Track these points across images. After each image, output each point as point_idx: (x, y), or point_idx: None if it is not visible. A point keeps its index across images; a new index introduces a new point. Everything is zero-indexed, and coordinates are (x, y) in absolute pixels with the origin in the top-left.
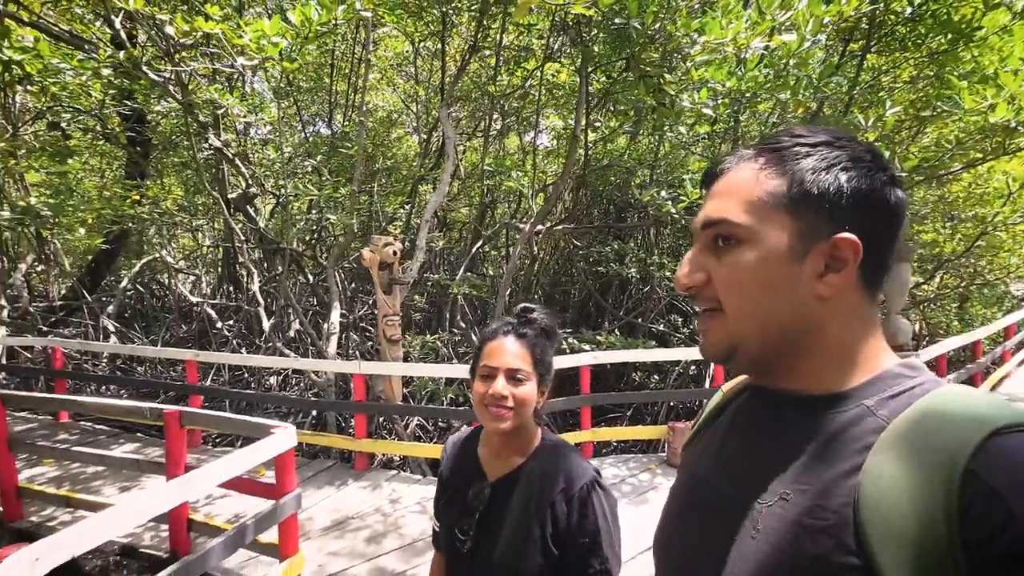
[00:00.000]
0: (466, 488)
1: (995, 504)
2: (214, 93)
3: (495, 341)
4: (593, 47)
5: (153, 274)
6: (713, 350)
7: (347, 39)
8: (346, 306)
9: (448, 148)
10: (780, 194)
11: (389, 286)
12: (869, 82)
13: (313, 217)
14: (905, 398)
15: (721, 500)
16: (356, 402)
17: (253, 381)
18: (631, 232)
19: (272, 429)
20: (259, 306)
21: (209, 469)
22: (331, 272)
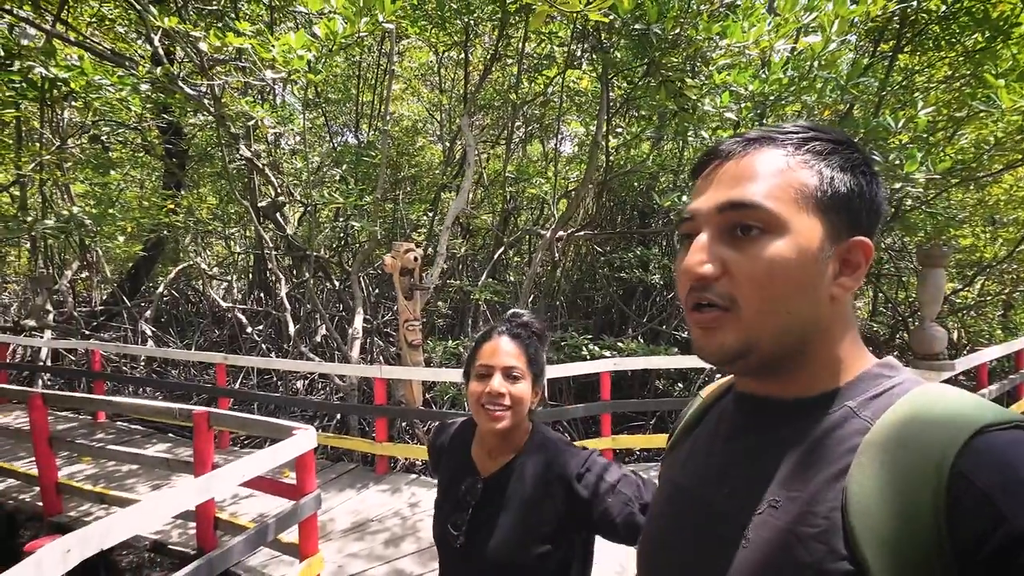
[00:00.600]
0: (459, 483)
1: (983, 505)
2: (245, 105)
3: (490, 341)
4: (614, 53)
5: (188, 280)
6: (720, 351)
7: (372, 51)
8: (370, 312)
9: (469, 156)
10: (812, 187)
11: (410, 292)
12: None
13: (339, 224)
14: (886, 398)
15: (708, 510)
16: (377, 406)
17: (280, 384)
18: (655, 238)
19: (293, 431)
20: (287, 311)
21: (232, 468)
22: (356, 278)
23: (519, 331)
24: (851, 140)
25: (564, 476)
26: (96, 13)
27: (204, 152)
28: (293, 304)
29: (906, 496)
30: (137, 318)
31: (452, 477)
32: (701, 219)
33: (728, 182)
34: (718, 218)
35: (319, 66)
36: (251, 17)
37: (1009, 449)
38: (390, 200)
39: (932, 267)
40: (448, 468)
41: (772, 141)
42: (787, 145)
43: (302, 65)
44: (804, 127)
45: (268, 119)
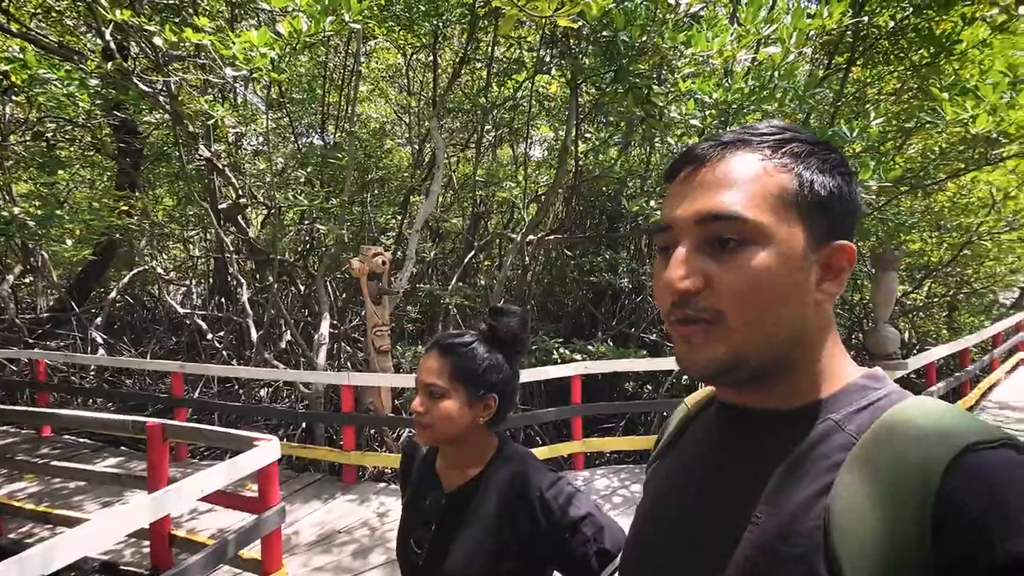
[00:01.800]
0: (423, 498)
1: (970, 529)
2: (204, 104)
3: (424, 356)
4: (583, 59)
5: (143, 285)
6: (707, 366)
7: (339, 51)
8: (337, 317)
9: (438, 159)
10: (792, 192)
11: (378, 296)
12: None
13: (305, 228)
14: (870, 411)
15: (690, 524)
16: (345, 414)
17: (243, 393)
18: (623, 242)
19: (255, 442)
20: (249, 317)
21: (189, 483)
22: (322, 282)
23: (455, 341)
24: (826, 141)
25: (526, 496)
26: (41, 4)
27: (160, 152)
28: (256, 309)
29: (890, 518)
30: (87, 325)
31: (417, 491)
32: (679, 230)
33: (705, 190)
34: (697, 230)
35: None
36: (211, 13)
37: (997, 470)
38: (357, 203)
39: (885, 271)
40: (414, 482)
41: (747, 144)
42: (763, 148)
43: (265, 63)
44: (779, 128)
45: (229, 118)
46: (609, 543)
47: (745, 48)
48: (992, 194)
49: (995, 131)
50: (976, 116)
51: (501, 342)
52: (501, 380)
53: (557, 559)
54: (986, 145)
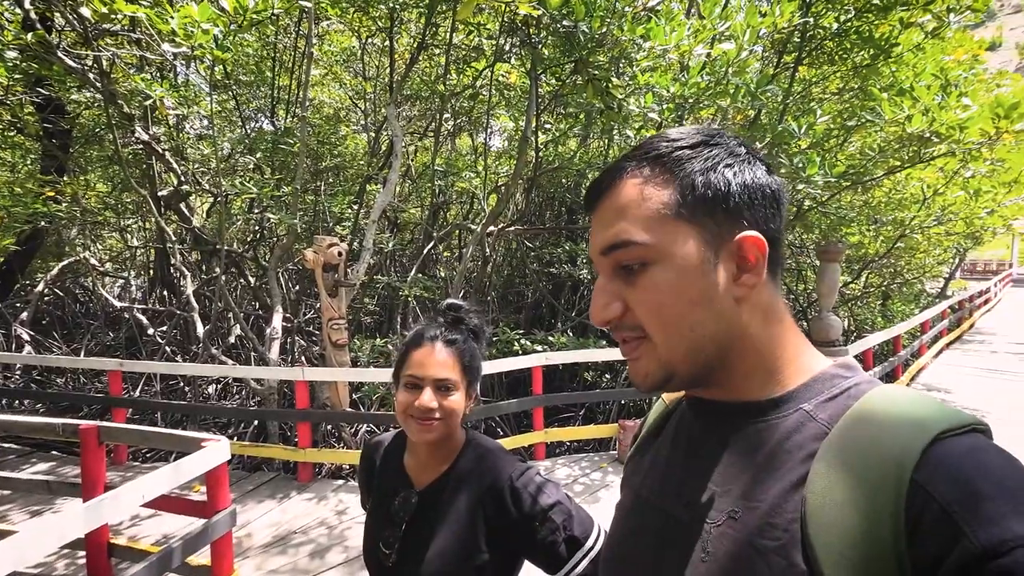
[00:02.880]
0: (392, 497)
1: (942, 520)
2: (141, 83)
3: (421, 349)
4: (542, 49)
5: (75, 277)
6: (647, 381)
7: (289, 31)
8: (290, 310)
9: (396, 147)
10: (674, 204)
11: (334, 288)
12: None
13: (254, 217)
14: (842, 400)
15: (669, 520)
16: (300, 410)
17: (189, 391)
18: (582, 233)
19: (203, 443)
20: (195, 311)
21: (129, 489)
22: (273, 274)
23: (454, 335)
24: (711, 139)
25: (496, 486)
26: None
27: (92, 133)
28: (202, 303)
29: (865, 508)
30: (11, 321)
31: (385, 492)
32: (596, 263)
33: (603, 222)
34: (606, 260)
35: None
36: None
37: (967, 458)
38: (311, 191)
39: (830, 262)
40: (381, 484)
41: (635, 168)
42: (643, 167)
43: (207, 40)
44: (660, 139)
45: (168, 99)
46: (578, 530)
47: (701, 43)
48: (923, 190)
49: (928, 131)
50: (911, 116)
51: (475, 335)
52: (479, 374)
53: (527, 548)
54: (919, 144)
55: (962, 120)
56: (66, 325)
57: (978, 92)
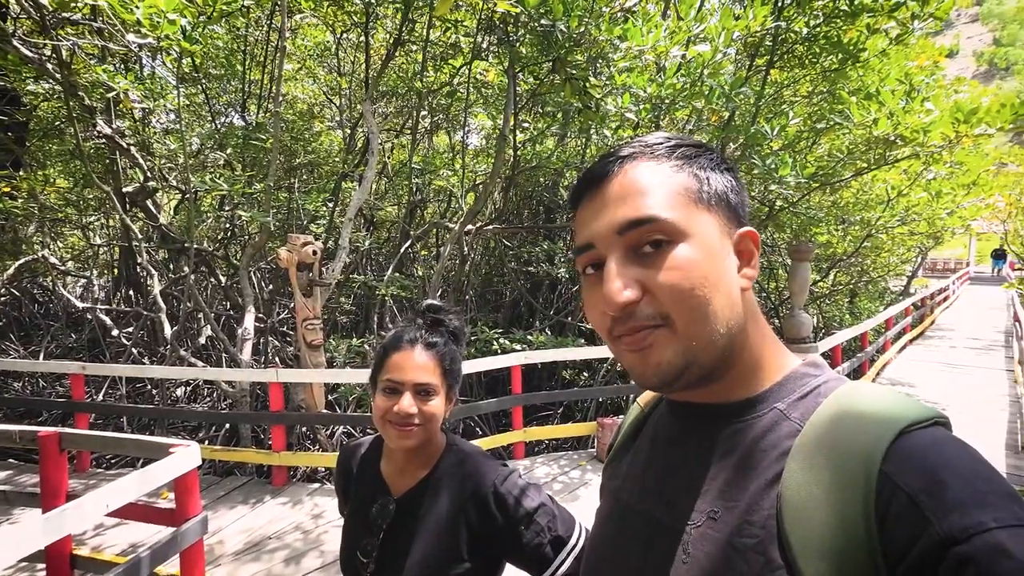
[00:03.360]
0: (369, 505)
1: (910, 509)
2: (103, 74)
3: (400, 352)
4: (520, 48)
5: (33, 277)
6: (661, 371)
7: (261, 24)
8: (263, 310)
9: (372, 144)
10: (695, 189)
11: (309, 288)
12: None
13: (224, 214)
14: (812, 398)
15: (650, 523)
16: (274, 412)
17: (156, 394)
18: (560, 233)
19: (172, 448)
20: (162, 311)
21: (92, 498)
22: (245, 273)
23: (435, 338)
24: (708, 144)
25: (480, 492)
26: None
27: (51, 126)
28: (170, 303)
29: (837, 502)
30: None
31: (362, 499)
32: (602, 245)
33: (617, 202)
34: (621, 240)
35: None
36: None
37: (931, 450)
38: (284, 188)
39: (801, 261)
40: (358, 491)
41: (642, 155)
42: (658, 155)
43: (174, 31)
44: (665, 137)
45: (133, 92)
46: (562, 530)
47: (677, 45)
48: (888, 192)
49: (893, 134)
50: (878, 119)
51: (455, 338)
52: (459, 377)
53: (513, 553)
54: (885, 146)
55: (925, 124)
56: (24, 327)
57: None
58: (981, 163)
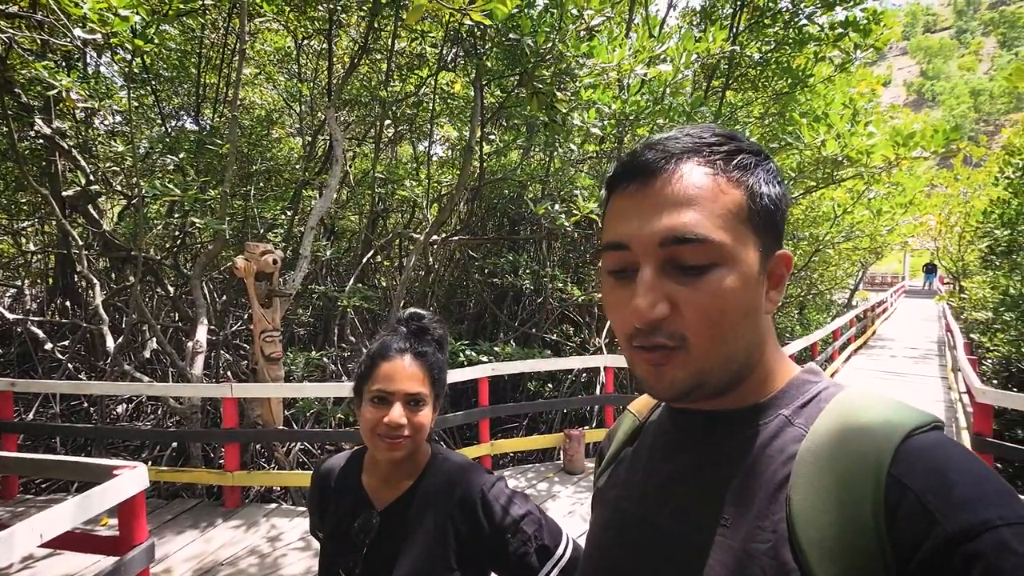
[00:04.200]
0: (351, 520)
1: (917, 508)
2: (43, 71)
3: (390, 361)
4: (487, 61)
5: None
6: (672, 388)
7: (218, 26)
8: (216, 321)
9: (336, 152)
10: (743, 208)
11: (268, 299)
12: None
13: (175, 221)
14: (815, 404)
15: (654, 531)
16: (227, 430)
17: (95, 411)
18: (524, 244)
19: (116, 470)
20: (104, 323)
21: (25, 527)
22: (197, 283)
23: (423, 348)
24: (764, 151)
25: (467, 500)
26: None
27: None
28: (112, 314)
29: (847, 504)
30: None
31: (343, 515)
32: (640, 251)
33: (665, 207)
34: (661, 252)
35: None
36: None
37: (936, 451)
38: (240, 196)
39: None
40: (338, 507)
41: (698, 154)
42: (715, 161)
43: (124, 28)
44: (724, 136)
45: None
46: (548, 540)
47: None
48: (834, 209)
49: (840, 155)
50: (826, 141)
51: (440, 346)
52: (445, 386)
53: (498, 561)
54: (832, 166)
55: (869, 146)
56: None
57: (880, 122)
58: (916, 184)
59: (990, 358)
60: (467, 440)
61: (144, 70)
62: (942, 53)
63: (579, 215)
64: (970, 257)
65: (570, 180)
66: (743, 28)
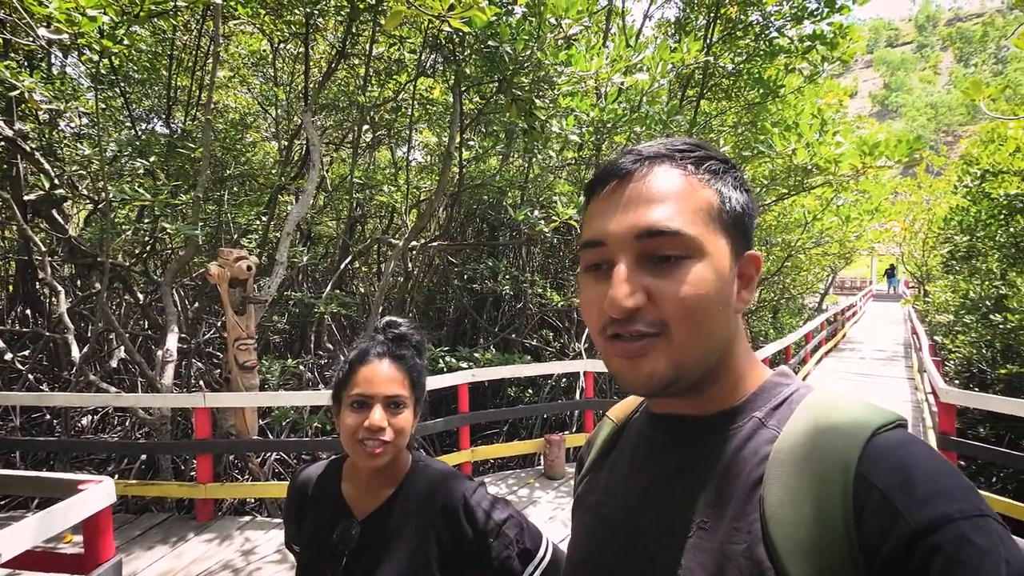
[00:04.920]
0: (328, 530)
1: (883, 504)
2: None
3: (368, 365)
4: (465, 67)
5: None
6: (651, 380)
7: (191, 28)
8: (188, 329)
9: (313, 156)
10: (717, 208)
11: (243, 306)
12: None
13: (145, 226)
14: (787, 406)
15: (636, 535)
16: (199, 440)
17: (59, 424)
18: (504, 250)
19: (81, 485)
20: (69, 332)
21: None
22: (168, 290)
23: (402, 351)
24: (732, 161)
25: (450, 506)
26: None
27: None
28: (78, 323)
29: (817, 502)
30: None
31: (320, 525)
32: (615, 246)
33: (637, 205)
34: (636, 246)
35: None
36: None
37: (899, 450)
38: (213, 201)
39: None
40: (315, 516)
41: (670, 159)
42: (685, 164)
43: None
44: (694, 145)
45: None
46: (530, 543)
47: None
48: (805, 216)
49: (810, 163)
50: (796, 150)
51: (418, 351)
52: (425, 390)
53: (481, 566)
54: (803, 174)
55: (837, 155)
56: None
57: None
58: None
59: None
60: (447, 447)
61: (113, 71)
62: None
63: (558, 221)
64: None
65: (549, 186)
66: (716, 39)
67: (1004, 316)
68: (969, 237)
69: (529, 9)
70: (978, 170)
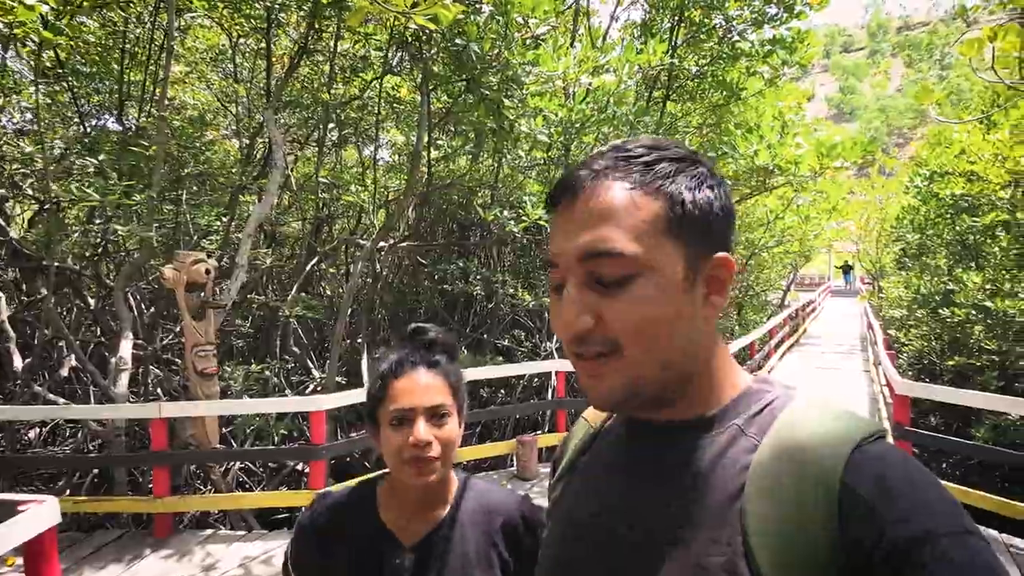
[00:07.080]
0: (373, 564)
1: (868, 514)
2: None
3: (403, 377)
4: (433, 66)
5: None
6: (609, 397)
7: (144, 21)
8: (144, 335)
9: (276, 155)
10: (662, 218)
11: (201, 310)
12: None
13: (95, 228)
14: (767, 414)
15: (613, 542)
16: (156, 452)
17: (3, 439)
18: (474, 250)
19: (20, 506)
20: (11, 340)
21: None
22: (121, 295)
23: (436, 357)
24: (694, 154)
25: (510, 523)
26: None
27: None
28: (22, 330)
29: (801, 514)
30: None
31: (363, 559)
32: (564, 267)
33: (582, 224)
34: (582, 267)
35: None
36: None
37: (883, 459)
38: (169, 200)
39: None
40: (352, 554)
41: (616, 170)
42: (632, 173)
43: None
44: (648, 147)
45: None
46: None
47: (586, 73)
48: (767, 215)
49: (772, 164)
50: (758, 151)
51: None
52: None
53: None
54: (765, 175)
55: (797, 156)
56: None
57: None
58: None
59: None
60: None
61: (58, 64)
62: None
63: (528, 221)
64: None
65: (519, 186)
66: (681, 42)
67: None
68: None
69: (496, 8)
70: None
